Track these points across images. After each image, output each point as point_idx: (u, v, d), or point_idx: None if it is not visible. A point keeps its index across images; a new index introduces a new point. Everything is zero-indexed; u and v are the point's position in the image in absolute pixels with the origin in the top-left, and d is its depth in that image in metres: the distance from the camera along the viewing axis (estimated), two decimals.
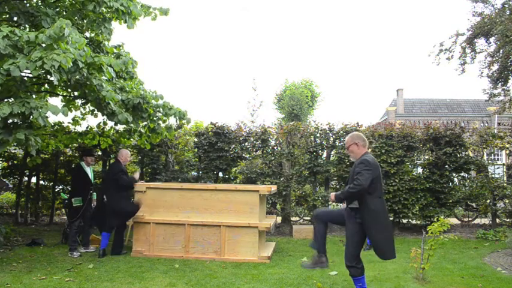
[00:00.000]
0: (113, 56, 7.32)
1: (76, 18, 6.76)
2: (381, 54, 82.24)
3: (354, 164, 4.19)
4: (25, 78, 5.82)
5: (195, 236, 6.39)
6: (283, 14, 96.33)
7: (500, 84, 12.20)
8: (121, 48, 7.72)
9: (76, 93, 6.64)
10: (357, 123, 9.26)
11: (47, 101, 6.84)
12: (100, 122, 8.15)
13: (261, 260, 6.09)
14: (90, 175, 6.84)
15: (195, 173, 9.88)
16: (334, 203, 9.98)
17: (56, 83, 5.05)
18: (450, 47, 12.91)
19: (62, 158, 10.30)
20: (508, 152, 10.41)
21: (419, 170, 9.68)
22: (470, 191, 9.32)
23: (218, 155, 9.38)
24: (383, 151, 8.92)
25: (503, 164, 11.39)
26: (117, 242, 6.68)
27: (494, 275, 5.35)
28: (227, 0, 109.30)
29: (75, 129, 8.42)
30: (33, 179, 10.46)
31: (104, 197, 7.23)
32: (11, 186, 11.26)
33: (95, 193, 7.09)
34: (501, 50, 11.24)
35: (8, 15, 6.38)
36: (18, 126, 5.18)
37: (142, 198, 6.63)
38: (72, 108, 7.80)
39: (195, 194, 6.54)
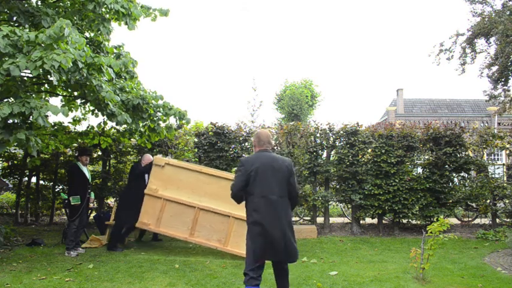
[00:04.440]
0: (113, 56, 7.32)
1: (76, 18, 6.76)
2: (381, 54, 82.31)
3: None
4: (25, 78, 5.82)
5: (203, 221, 6.41)
6: (283, 14, 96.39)
7: (500, 84, 12.20)
8: (121, 48, 7.72)
9: (76, 94, 6.65)
10: (357, 123, 9.26)
11: (47, 101, 6.85)
12: (100, 122, 8.16)
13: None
14: (87, 174, 6.82)
15: None
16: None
17: (55, 83, 5.06)
18: (450, 47, 12.92)
19: (62, 158, 10.30)
20: (508, 152, 10.41)
21: (419, 170, 9.68)
22: (470, 191, 9.32)
23: (218, 155, 9.38)
24: (383, 151, 8.92)
25: (503, 164, 11.39)
26: (114, 240, 6.89)
27: (494, 275, 5.35)
28: (227, 0, 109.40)
29: (75, 129, 8.42)
30: (33, 179, 10.47)
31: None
32: (11, 186, 11.26)
33: (92, 192, 7.09)
34: (503, 50, 11.23)
35: (7, 15, 6.38)
36: (19, 127, 5.18)
37: (159, 173, 6.65)
38: (72, 108, 7.80)
39: (212, 180, 6.52)
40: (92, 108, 7.63)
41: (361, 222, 9.55)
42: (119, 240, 6.97)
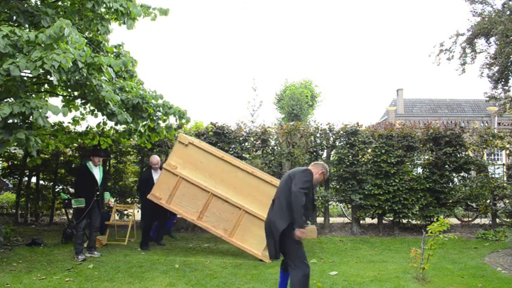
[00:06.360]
0: (112, 55, 7.31)
1: (76, 18, 6.76)
2: (381, 54, 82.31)
3: None
4: (25, 78, 5.82)
5: (213, 208, 6.47)
6: (283, 14, 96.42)
7: (500, 84, 12.20)
8: (121, 47, 7.71)
9: (76, 93, 6.64)
10: (357, 123, 9.26)
11: (47, 101, 6.84)
12: (100, 122, 8.16)
13: (263, 257, 6.08)
14: (98, 176, 6.51)
15: None
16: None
17: (55, 83, 5.06)
18: (450, 47, 12.89)
19: (62, 158, 10.31)
20: (508, 152, 10.41)
21: (419, 170, 9.68)
22: (470, 191, 9.32)
23: None
24: (383, 151, 8.92)
25: (503, 164, 11.39)
26: (144, 238, 7.11)
27: (494, 275, 5.36)
28: (227, 0, 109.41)
29: (75, 129, 8.41)
30: (33, 179, 10.47)
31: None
32: (11, 186, 11.26)
33: (107, 193, 6.86)
34: (503, 50, 11.22)
35: (7, 15, 6.38)
36: (19, 127, 5.18)
37: (181, 151, 6.69)
38: (72, 108, 7.78)
39: (231, 169, 6.54)
40: (91, 108, 7.62)
41: (361, 222, 9.55)
42: (148, 238, 7.19)
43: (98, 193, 6.49)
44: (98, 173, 6.54)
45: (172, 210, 6.72)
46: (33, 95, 6.27)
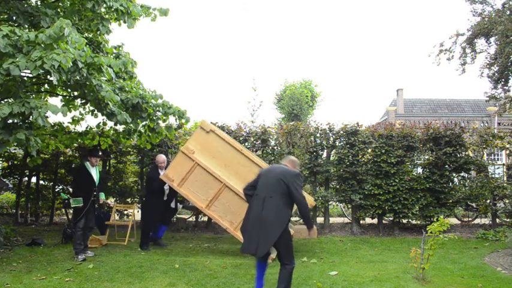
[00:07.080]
0: (112, 56, 7.31)
1: (75, 18, 6.75)
2: (381, 54, 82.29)
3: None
4: (25, 78, 5.82)
5: (223, 199, 6.47)
6: (283, 14, 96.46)
7: (500, 84, 12.19)
8: (121, 48, 7.71)
9: (76, 93, 6.64)
10: (357, 123, 9.26)
11: (46, 100, 6.84)
12: (100, 122, 8.16)
13: None
14: (95, 176, 6.56)
15: None
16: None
17: (55, 83, 5.06)
18: (450, 47, 12.88)
19: (62, 158, 10.30)
20: (508, 152, 10.40)
21: (419, 170, 9.67)
22: (470, 191, 9.31)
23: None
24: (383, 151, 8.91)
25: (503, 164, 11.39)
26: (144, 238, 7.10)
27: (494, 275, 5.35)
28: (227, 0, 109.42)
29: (75, 129, 8.41)
30: (33, 179, 10.46)
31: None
32: (11, 186, 11.26)
33: (102, 193, 6.86)
34: (503, 50, 11.21)
35: (7, 15, 6.38)
36: (19, 127, 5.18)
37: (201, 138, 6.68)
38: (71, 108, 7.78)
39: (247, 163, 6.53)
40: (91, 108, 7.61)
41: (361, 222, 9.55)
42: (148, 238, 7.18)
43: (95, 193, 6.54)
44: (95, 173, 6.58)
45: (182, 194, 6.70)
46: (33, 95, 6.27)
